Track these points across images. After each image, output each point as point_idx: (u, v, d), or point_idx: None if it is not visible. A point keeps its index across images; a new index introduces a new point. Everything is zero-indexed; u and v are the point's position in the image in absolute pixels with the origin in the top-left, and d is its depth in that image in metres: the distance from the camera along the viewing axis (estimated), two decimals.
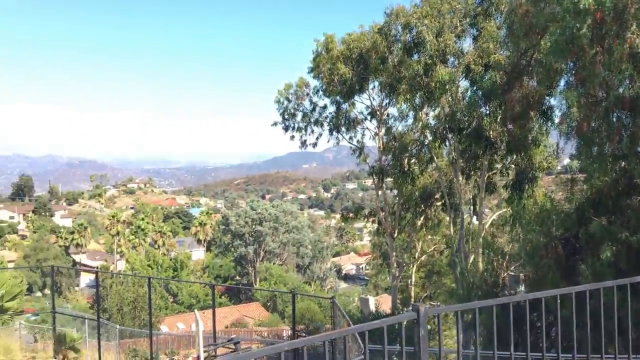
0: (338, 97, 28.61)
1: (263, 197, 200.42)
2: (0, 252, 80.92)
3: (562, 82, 15.08)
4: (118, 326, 20.77)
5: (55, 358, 14.32)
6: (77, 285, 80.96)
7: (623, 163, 12.80)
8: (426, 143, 26.53)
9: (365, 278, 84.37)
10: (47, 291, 72.25)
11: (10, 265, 66.85)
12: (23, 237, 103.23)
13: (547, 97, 18.96)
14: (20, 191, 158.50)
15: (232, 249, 73.85)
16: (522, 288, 23.27)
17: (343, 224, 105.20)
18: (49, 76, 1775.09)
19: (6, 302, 15.83)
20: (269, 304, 52.52)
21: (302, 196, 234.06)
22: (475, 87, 22.87)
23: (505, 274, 26.33)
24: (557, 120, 17.48)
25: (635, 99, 11.72)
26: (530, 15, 14.24)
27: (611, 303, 4.50)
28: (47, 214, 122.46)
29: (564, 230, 14.64)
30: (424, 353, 3.63)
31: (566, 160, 28.11)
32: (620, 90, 12.16)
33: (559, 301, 4.12)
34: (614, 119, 12.54)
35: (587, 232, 13.22)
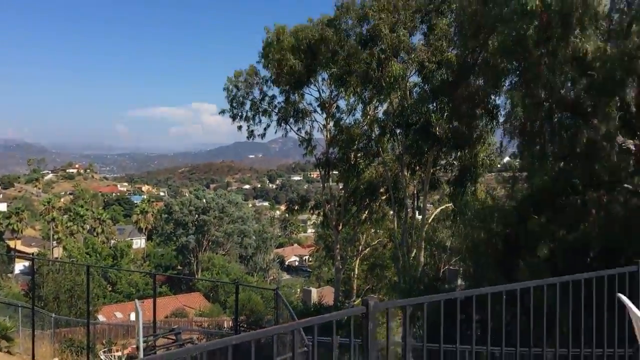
0: (287, 88, 28.45)
1: (207, 186, 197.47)
2: None
3: (508, 82, 15.34)
4: (53, 315, 20.09)
5: None
6: (11, 272, 77.92)
7: (562, 163, 13.21)
8: (373, 137, 26.72)
9: (308, 270, 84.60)
10: None
11: None
12: None
13: (493, 97, 19.36)
14: None
15: (175, 238, 72.76)
16: (460, 282, 23.85)
17: (287, 215, 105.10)
18: None
19: None
20: (210, 294, 52.03)
21: (247, 186, 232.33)
22: (425, 84, 23.15)
23: (445, 268, 26.92)
24: (501, 119, 17.93)
25: (577, 101, 12.10)
26: (479, 15, 14.45)
27: (550, 299, 4.60)
28: None
29: (504, 227, 15.00)
30: (373, 346, 3.60)
31: (506, 159, 28.85)
32: (563, 92, 12.51)
33: (504, 297, 4.17)
34: (556, 120, 12.91)
35: (526, 230, 13.59)
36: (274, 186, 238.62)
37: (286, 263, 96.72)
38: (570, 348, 4.75)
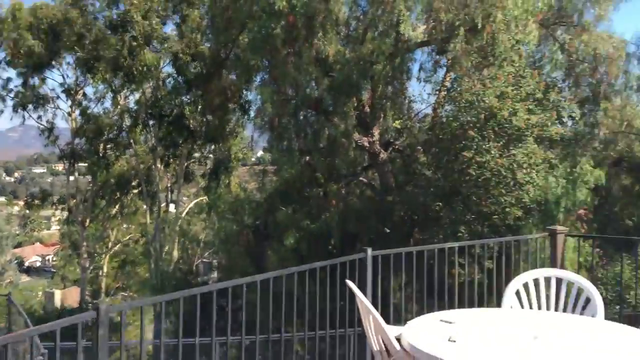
0: (25, 70, 25.64)
1: None
2: None
3: (259, 79, 15.83)
4: None
5: None
6: None
7: (308, 157, 14.09)
8: (125, 128, 25.58)
9: (52, 270, 77.97)
10: None
11: None
12: None
13: (245, 92, 19.87)
14: None
15: None
16: (214, 274, 24.14)
17: (28, 211, 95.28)
18: None
19: None
20: None
21: None
22: (179, 76, 22.84)
23: (199, 261, 27.03)
24: (252, 114, 18.47)
25: (320, 99, 12.99)
26: (231, 10, 14.63)
27: (292, 286, 4.81)
28: None
29: (255, 219, 15.55)
30: (103, 352, 3.37)
31: (260, 153, 29.97)
32: (308, 90, 13.32)
33: (244, 289, 4.24)
34: (302, 117, 13.71)
35: (275, 220, 14.24)
36: (12, 179, 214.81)
37: (26, 264, 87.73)
38: (306, 331, 5.03)
